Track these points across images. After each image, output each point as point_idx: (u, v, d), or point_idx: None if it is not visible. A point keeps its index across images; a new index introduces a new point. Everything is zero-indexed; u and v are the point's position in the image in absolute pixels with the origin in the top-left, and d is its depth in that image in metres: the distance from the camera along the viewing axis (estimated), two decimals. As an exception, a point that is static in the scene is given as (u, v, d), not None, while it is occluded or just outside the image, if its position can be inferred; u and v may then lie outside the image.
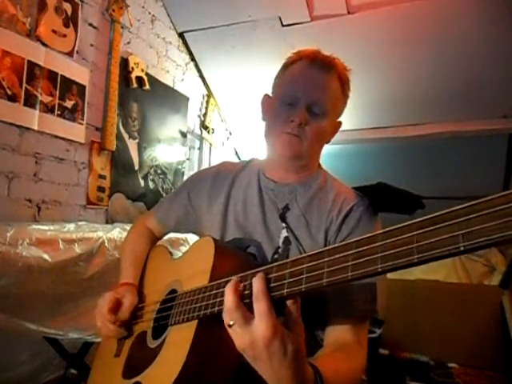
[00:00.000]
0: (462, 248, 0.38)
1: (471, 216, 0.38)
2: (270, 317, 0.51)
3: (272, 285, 0.56)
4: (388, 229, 0.45)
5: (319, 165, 0.99)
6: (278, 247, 0.86)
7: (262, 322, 0.51)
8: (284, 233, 0.87)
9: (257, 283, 0.54)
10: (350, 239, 0.74)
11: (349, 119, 2.77)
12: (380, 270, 0.44)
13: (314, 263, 0.52)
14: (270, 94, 0.98)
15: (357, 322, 0.78)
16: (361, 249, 0.47)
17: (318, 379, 0.56)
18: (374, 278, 0.80)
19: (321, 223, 0.86)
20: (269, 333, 0.51)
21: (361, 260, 0.46)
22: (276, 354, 0.51)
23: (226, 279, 0.66)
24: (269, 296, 0.53)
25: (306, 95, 0.87)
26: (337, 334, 0.77)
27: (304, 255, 0.54)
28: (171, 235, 1.59)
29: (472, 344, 2.63)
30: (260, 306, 0.52)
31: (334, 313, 0.79)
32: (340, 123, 0.97)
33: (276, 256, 0.85)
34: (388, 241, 0.44)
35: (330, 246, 0.51)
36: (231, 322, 0.55)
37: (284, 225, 0.87)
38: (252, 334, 0.52)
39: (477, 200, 0.38)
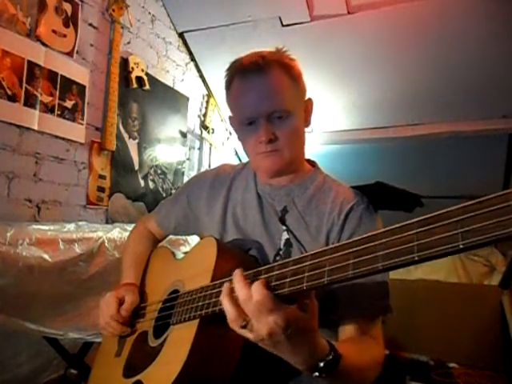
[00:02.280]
0: (461, 246, 0.38)
1: (469, 215, 0.38)
2: (278, 311, 0.55)
3: (274, 283, 0.56)
4: (388, 228, 0.45)
5: (316, 164, 0.99)
6: (280, 249, 0.86)
7: (274, 316, 0.55)
8: (285, 235, 0.86)
9: (257, 289, 0.56)
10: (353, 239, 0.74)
11: (348, 119, 2.80)
12: (381, 267, 0.44)
13: (315, 261, 0.52)
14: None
15: (368, 320, 0.78)
16: (361, 247, 0.47)
17: (332, 352, 0.60)
18: (386, 276, 0.80)
19: (321, 224, 0.85)
20: (283, 322, 0.55)
21: (362, 258, 0.46)
22: (293, 335, 0.56)
23: (227, 279, 0.66)
24: (272, 296, 0.56)
25: (260, 109, 0.82)
26: (351, 331, 0.77)
27: (306, 254, 0.54)
28: (171, 235, 1.59)
29: (472, 344, 2.63)
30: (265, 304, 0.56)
31: (345, 312, 0.78)
32: (310, 100, 0.92)
33: (278, 258, 0.85)
34: (388, 239, 0.44)
35: (332, 245, 0.52)
36: (243, 323, 0.58)
37: (284, 227, 0.87)
38: (269, 324, 0.55)
39: (475, 200, 0.39)
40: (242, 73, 0.85)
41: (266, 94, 0.83)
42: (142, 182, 2.36)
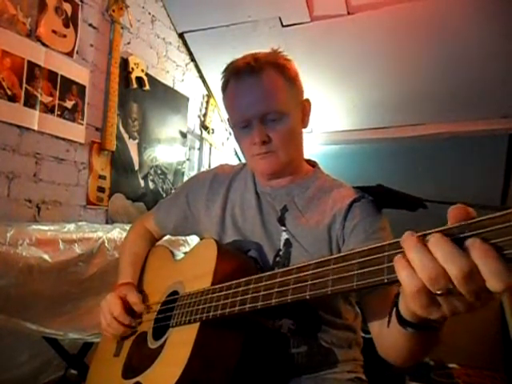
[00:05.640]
0: None
1: (472, 233, 0.38)
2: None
3: (277, 289, 0.55)
4: (396, 240, 0.44)
5: (316, 165, 0.98)
6: (279, 250, 0.85)
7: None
8: (284, 235, 0.86)
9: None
10: (356, 231, 0.73)
11: (349, 119, 2.80)
12: (386, 280, 0.43)
13: (319, 270, 0.51)
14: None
15: None
16: (367, 258, 0.46)
17: None
18: None
19: (322, 220, 0.84)
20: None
21: (366, 270, 0.46)
22: None
23: (229, 283, 0.66)
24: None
25: (252, 111, 0.83)
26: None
27: (310, 262, 0.53)
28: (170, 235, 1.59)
29: (472, 344, 2.63)
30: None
31: (375, 304, 0.74)
32: (308, 101, 0.92)
33: (277, 259, 0.85)
34: (396, 251, 0.43)
35: (336, 255, 0.51)
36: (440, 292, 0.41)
37: (283, 228, 0.87)
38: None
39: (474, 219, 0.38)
40: (235, 75, 0.85)
41: (258, 95, 0.83)
42: (142, 182, 2.36)
